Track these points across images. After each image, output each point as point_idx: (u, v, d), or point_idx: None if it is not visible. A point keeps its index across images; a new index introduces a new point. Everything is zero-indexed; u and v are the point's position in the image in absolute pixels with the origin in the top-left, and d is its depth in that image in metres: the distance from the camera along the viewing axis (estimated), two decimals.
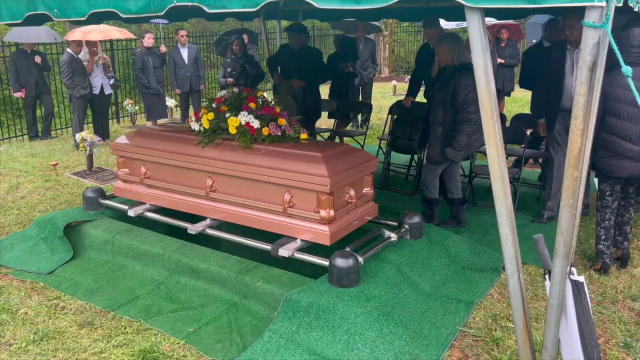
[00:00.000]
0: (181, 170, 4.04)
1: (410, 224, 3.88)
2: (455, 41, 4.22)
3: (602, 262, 3.77)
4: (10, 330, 3.17)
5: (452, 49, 4.15)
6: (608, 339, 3.06)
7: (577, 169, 2.01)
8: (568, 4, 1.86)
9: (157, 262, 3.80)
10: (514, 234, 2.24)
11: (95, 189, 4.59)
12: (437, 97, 4.26)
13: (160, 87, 8.56)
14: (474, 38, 2.06)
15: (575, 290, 2.21)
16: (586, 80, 1.90)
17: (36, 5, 3.13)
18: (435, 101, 4.28)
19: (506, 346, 2.96)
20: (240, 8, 2.45)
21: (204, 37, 13.63)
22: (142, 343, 3.01)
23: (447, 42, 4.20)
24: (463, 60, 4.13)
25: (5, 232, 4.68)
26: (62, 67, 7.67)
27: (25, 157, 7.43)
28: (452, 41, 4.20)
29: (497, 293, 3.55)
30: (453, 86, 4.09)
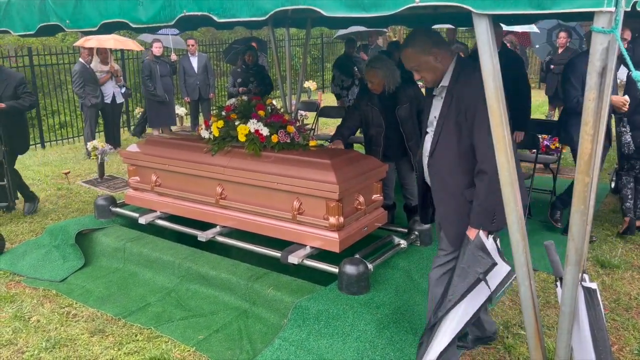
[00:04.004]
0: (191, 177, 4.07)
1: (420, 230, 3.87)
2: (388, 66, 4.01)
3: (630, 217, 4.18)
4: (22, 338, 3.20)
5: (385, 75, 3.98)
6: (622, 346, 3.02)
7: (587, 174, 1.99)
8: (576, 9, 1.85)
9: (168, 270, 3.82)
10: (525, 241, 2.22)
11: (106, 197, 4.63)
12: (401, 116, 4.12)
13: (168, 95, 8.61)
14: (482, 44, 2.05)
15: (588, 297, 2.19)
16: (595, 85, 1.88)
17: (48, 16, 3.17)
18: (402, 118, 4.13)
19: (518, 354, 2.93)
20: (250, 17, 2.47)
21: (214, 46, 13.74)
22: (153, 350, 3.02)
23: (379, 69, 3.98)
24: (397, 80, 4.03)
25: (18, 240, 4.73)
26: (74, 76, 7.76)
27: (37, 166, 7.52)
28: (385, 67, 4.00)
29: (509, 300, 3.53)
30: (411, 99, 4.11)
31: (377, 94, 4.11)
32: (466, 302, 2.38)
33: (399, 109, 4.09)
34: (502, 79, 2.11)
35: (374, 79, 4.03)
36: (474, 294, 2.38)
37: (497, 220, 2.36)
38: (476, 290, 2.37)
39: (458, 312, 2.39)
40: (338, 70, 8.38)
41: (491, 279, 2.37)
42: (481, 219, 2.37)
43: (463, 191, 2.46)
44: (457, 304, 2.37)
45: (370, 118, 4.16)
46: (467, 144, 2.40)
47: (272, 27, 6.61)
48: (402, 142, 4.17)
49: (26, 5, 3.27)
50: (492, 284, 2.37)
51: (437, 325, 2.43)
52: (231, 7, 2.50)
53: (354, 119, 4.24)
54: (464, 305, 2.38)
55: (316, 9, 2.27)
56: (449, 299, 2.38)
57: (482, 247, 2.34)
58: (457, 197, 2.49)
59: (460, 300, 2.37)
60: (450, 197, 2.52)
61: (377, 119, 4.13)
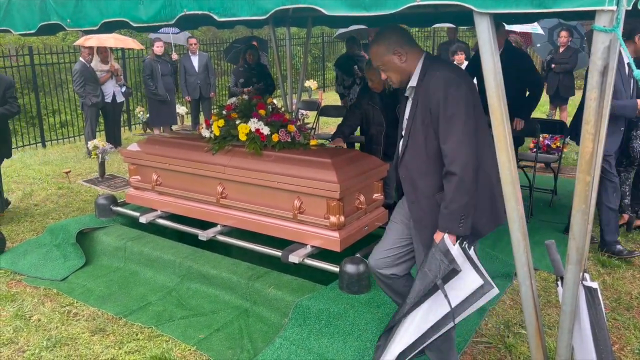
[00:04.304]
0: (192, 177, 4.07)
1: None
2: None
3: (629, 215, 4.19)
4: (23, 337, 3.20)
5: None
6: (623, 345, 3.02)
7: (588, 173, 1.99)
8: (577, 8, 1.85)
9: (169, 269, 3.82)
10: (526, 240, 2.22)
11: (107, 196, 4.63)
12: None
13: (170, 95, 8.61)
14: (483, 43, 2.05)
15: (589, 297, 2.18)
16: (597, 84, 1.88)
17: (49, 15, 3.17)
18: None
19: (519, 353, 2.93)
20: (250, 16, 2.46)
21: (214, 45, 13.73)
22: (154, 349, 3.02)
23: None
24: None
25: (19, 239, 4.73)
26: (75, 76, 7.77)
27: (38, 165, 7.53)
28: None
29: (510, 299, 3.52)
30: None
31: (377, 93, 4.10)
32: (425, 309, 2.27)
33: (399, 108, 4.08)
34: (507, 77, 2.10)
35: (374, 77, 4.02)
36: (433, 302, 2.25)
37: (465, 225, 2.22)
38: (435, 297, 2.25)
39: (415, 318, 2.29)
40: (339, 69, 8.37)
41: (453, 289, 2.22)
42: (447, 222, 2.23)
43: (434, 194, 2.33)
44: (415, 308, 2.27)
45: (371, 117, 4.16)
46: (436, 145, 2.28)
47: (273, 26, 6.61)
48: None
49: (27, 4, 3.27)
50: (454, 295, 2.22)
51: (395, 328, 2.35)
52: (232, 6, 2.50)
53: (354, 117, 4.24)
54: (422, 312, 2.28)
55: (317, 8, 2.27)
56: (407, 303, 2.28)
57: (445, 252, 2.20)
58: (430, 200, 2.35)
59: (418, 304, 2.26)
60: (422, 201, 2.38)
61: (378, 118, 4.12)
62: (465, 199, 2.20)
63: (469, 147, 2.19)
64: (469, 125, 2.20)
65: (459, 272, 2.20)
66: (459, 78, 2.27)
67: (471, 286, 2.22)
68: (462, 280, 2.23)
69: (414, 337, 2.30)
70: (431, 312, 2.27)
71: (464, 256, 2.23)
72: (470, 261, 2.24)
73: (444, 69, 2.30)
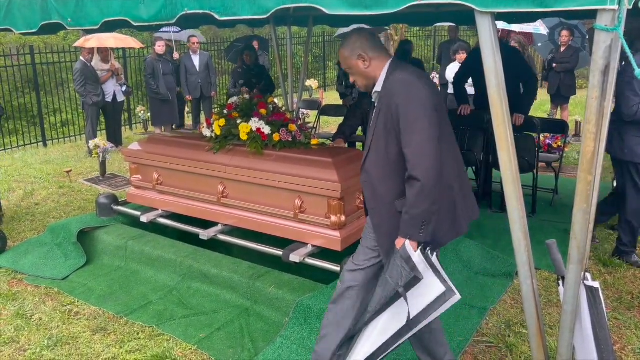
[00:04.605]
0: (193, 176, 4.07)
1: None
2: None
3: None
4: (25, 336, 3.21)
5: None
6: (624, 345, 3.02)
7: (590, 173, 1.99)
8: (579, 7, 1.84)
9: (170, 268, 3.82)
10: (527, 240, 2.22)
11: (108, 195, 4.63)
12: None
13: (171, 94, 8.62)
14: (484, 42, 2.05)
15: (590, 296, 2.18)
16: (598, 83, 1.88)
17: (50, 14, 3.17)
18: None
19: (520, 352, 2.93)
20: (251, 15, 2.46)
21: (215, 44, 13.73)
22: (155, 349, 3.02)
23: None
24: None
25: (20, 238, 4.74)
26: (75, 75, 7.77)
27: (39, 164, 7.53)
28: None
29: (511, 299, 3.52)
30: None
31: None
32: (387, 317, 2.23)
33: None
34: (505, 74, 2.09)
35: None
36: (395, 310, 2.22)
37: (427, 231, 2.18)
38: (397, 305, 2.21)
39: (377, 326, 2.25)
40: (342, 69, 8.35)
41: (415, 296, 2.18)
42: (408, 228, 2.18)
43: (394, 200, 2.29)
44: (377, 316, 2.23)
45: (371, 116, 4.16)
46: (397, 150, 2.23)
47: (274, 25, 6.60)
48: None
49: (28, 4, 3.27)
50: (415, 302, 2.18)
51: (356, 337, 2.31)
52: (232, 5, 2.50)
53: (355, 117, 4.23)
54: (384, 320, 2.24)
55: (318, 7, 2.27)
56: (368, 311, 2.25)
57: (407, 259, 2.16)
58: (389, 206, 2.30)
59: (380, 312, 2.23)
60: (382, 207, 2.33)
61: None
62: (426, 205, 2.15)
63: (432, 152, 2.14)
64: (431, 130, 2.15)
65: (421, 280, 2.17)
66: (420, 81, 2.24)
67: (433, 293, 2.19)
68: (424, 288, 2.19)
69: (376, 346, 2.26)
70: (393, 320, 2.23)
71: (426, 263, 2.20)
72: (433, 268, 2.21)
73: (405, 73, 2.27)
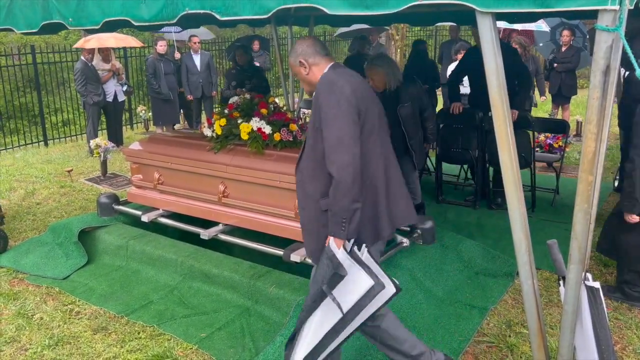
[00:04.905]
0: (194, 175, 4.07)
1: (423, 229, 3.87)
2: (389, 64, 4.05)
3: None
4: (26, 335, 3.21)
5: (387, 73, 3.99)
6: (625, 345, 3.01)
7: (591, 173, 1.99)
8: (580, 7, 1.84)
9: (170, 268, 3.83)
10: (528, 239, 2.22)
11: (109, 194, 4.64)
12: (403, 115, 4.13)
13: (172, 93, 8.62)
14: (485, 42, 2.05)
15: (591, 296, 2.18)
16: (600, 84, 1.88)
17: (51, 14, 3.18)
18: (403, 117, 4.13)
19: (521, 352, 2.93)
20: (252, 15, 2.47)
21: (216, 44, 13.73)
22: (156, 348, 3.02)
23: (381, 67, 3.99)
24: (399, 79, 4.06)
25: (21, 237, 4.74)
26: (76, 74, 7.78)
27: (40, 164, 7.54)
28: (386, 65, 4.03)
29: (511, 299, 3.52)
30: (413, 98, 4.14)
31: (379, 93, 4.11)
32: (319, 315, 2.24)
33: (400, 108, 4.09)
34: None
35: (375, 76, 4.03)
36: (325, 307, 2.22)
37: (349, 228, 2.17)
38: (326, 303, 2.21)
39: (312, 325, 2.26)
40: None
41: (345, 293, 2.18)
42: (332, 226, 2.19)
43: (320, 199, 2.30)
44: (310, 314, 2.25)
45: None
46: (323, 149, 2.24)
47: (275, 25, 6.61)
48: (404, 141, 4.17)
49: (29, 4, 3.27)
50: (345, 299, 2.18)
51: (296, 336, 2.32)
52: (233, 5, 2.50)
53: None
54: (317, 318, 2.24)
55: (319, 7, 2.27)
56: (303, 309, 2.29)
57: (331, 257, 2.18)
58: (315, 204, 2.32)
59: (312, 310, 2.24)
60: (310, 206, 2.36)
61: None
62: (344, 202, 2.15)
63: (349, 149, 2.15)
64: (349, 128, 2.17)
65: (346, 276, 2.17)
66: (344, 81, 2.25)
67: (362, 288, 2.17)
68: (352, 284, 2.18)
69: (312, 346, 2.26)
70: (325, 318, 2.24)
71: (352, 259, 2.19)
72: (360, 264, 2.20)
73: (332, 73, 2.31)
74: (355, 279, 2.18)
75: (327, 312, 2.23)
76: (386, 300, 2.20)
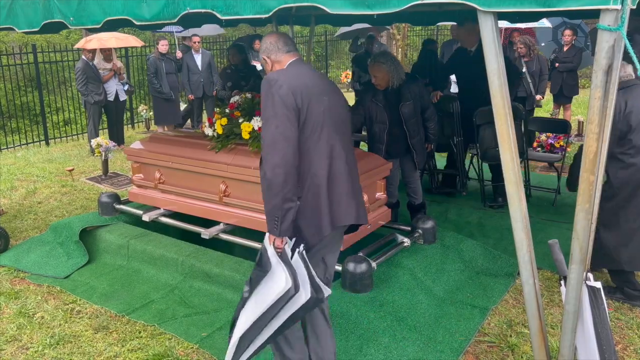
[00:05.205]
0: (195, 175, 4.07)
1: (424, 228, 3.86)
2: (393, 61, 4.06)
3: None
4: (27, 334, 3.21)
5: (389, 70, 4.00)
6: (626, 345, 3.01)
7: (592, 173, 1.98)
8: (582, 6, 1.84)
9: (171, 267, 3.83)
10: (529, 239, 2.22)
11: (110, 194, 4.64)
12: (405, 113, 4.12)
13: (174, 93, 8.62)
14: (487, 42, 2.05)
15: (592, 296, 2.18)
16: (601, 83, 1.88)
17: (52, 13, 3.18)
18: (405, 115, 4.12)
19: (522, 352, 2.93)
20: (253, 14, 2.47)
21: (217, 43, 13.73)
22: (157, 347, 3.03)
23: (384, 64, 4.01)
24: (402, 77, 4.07)
25: (23, 236, 4.74)
26: (77, 74, 7.78)
27: (42, 163, 7.54)
28: (389, 62, 4.04)
29: (512, 299, 3.52)
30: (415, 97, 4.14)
31: (381, 90, 4.10)
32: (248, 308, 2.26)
33: (402, 106, 4.08)
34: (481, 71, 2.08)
35: (378, 73, 4.03)
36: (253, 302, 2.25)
37: (281, 227, 2.18)
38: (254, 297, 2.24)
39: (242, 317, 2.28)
40: (357, 66, 8.50)
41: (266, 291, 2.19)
42: (267, 223, 2.23)
43: None
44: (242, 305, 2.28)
45: (374, 114, 4.16)
46: None
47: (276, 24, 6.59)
48: (406, 139, 4.17)
49: (30, 3, 3.27)
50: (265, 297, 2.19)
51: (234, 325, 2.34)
52: (234, 4, 2.50)
53: (357, 114, 4.24)
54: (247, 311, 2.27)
55: (320, 6, 2.27)
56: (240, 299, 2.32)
57: (263, 251, 2.23)
58: None
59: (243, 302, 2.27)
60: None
61: (381, 116, 4.12)
62: (276, 201, 2.17)
63: (281, 150, 2.16)
64: (283, 128, 2.17)
65: (268, 273, 2.19)
66: (284, 80, 2.24)
67: (279, 288, 2.16)
68: (273, 282, 2.19)
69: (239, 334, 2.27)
70: (251, 312, 2.25)
71: (278, 258, 2.20)
72: (287, 264, 2.19)
73: (278, 72, 2.32)
74: (276, 279, 2.18)
75: (253, 307, 2.25)
76: (302, 306, 2.18)
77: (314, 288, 2.20)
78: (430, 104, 4.30)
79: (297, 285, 2.15)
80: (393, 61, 4.05)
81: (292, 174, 2.18)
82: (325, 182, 2.29)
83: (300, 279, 2.17)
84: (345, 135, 2.41)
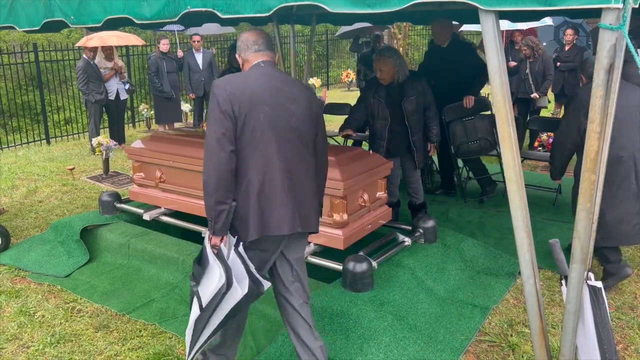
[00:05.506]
0: (195, 174, 4.06)
1: (425, 228, 3.86)
2: (398, 56, 4.07)
3: None
4: (27, 333, 3.22)
5: (395, 64, 4.01)
6: (627, 345, 3.01)
7: (594, 172, 1.98)
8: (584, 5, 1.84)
9: (172, 266, 3.83)
10: (530, 238, 2.22)
11: (111, 193, 4.64)
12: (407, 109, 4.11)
13: (175, 92, 8.62)
14: (488, 41, 2.04)
15: (593, 296, 2.18)
16: (603, 83, 1.87)
17: (53, 12, 3.18)
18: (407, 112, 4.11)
19: (522, 352, 2.93)
20: (254, 13, 2.46)
21: (218, 42, 13.73)
22: (157, 346, 3.03)
23: (390, 58, 4.02)
24: (406, 72, 4.08)
25: (24, 235, 4.75)
26: (78, 73, 7.78)
27: (43, 162, 7.55)
28: (395, 56, 4.05)
29: (513, 298, 3.52)
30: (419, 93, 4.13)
31: (384, 86, 4.10)
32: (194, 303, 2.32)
33: (405, 102, 4.08)
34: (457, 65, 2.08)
35: (384, 67, 4.03)
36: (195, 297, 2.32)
37: (216, 226, 2.23)
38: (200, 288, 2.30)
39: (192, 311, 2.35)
40: (363, 64, 8.55)
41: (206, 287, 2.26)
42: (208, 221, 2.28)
43: None
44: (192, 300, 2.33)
45: (376, 110, 4.15)
46: None
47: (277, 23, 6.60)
48: (407, 137, 4.16)
49: (31, 2, 3.27)
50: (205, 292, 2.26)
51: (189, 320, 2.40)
52: (235, 3, 2.50)
53: (360, 110, 4.23)
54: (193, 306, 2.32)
55: (321, 5, 2.27)
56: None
57: (203, 249, 2.30)
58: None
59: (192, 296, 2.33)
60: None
61: (383, 112, 4.12)
62: (210, 202, 2.23)
63: (215, 154, 2.20)
64: (218, 131, 2.20)
65: (207, 270, 2.26)
66: (225, 84, 2.25)
67: (214, 284, 2.23)
68: (210, 278, 2.26)
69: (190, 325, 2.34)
70: (195, 307, 2.32)
71: (214, 255, 2.25)
72: (222, 261, 2.24)
73: (224, 78, 2.32)
74: (212, 276, 2.25)
75: (195, 302, 2.31)
76: (239, 301, 2.24)
77: (254, 282, 2.26)
78: (432, 103, 4.28)
79: (230, 282, 2.22)
80: (399, 56, 4.07)
81: (226, 178, 2.22)
82: (257, 190, 2.28)
83: (237, 275, 2.24)
84: (292, 145, 2.33)
